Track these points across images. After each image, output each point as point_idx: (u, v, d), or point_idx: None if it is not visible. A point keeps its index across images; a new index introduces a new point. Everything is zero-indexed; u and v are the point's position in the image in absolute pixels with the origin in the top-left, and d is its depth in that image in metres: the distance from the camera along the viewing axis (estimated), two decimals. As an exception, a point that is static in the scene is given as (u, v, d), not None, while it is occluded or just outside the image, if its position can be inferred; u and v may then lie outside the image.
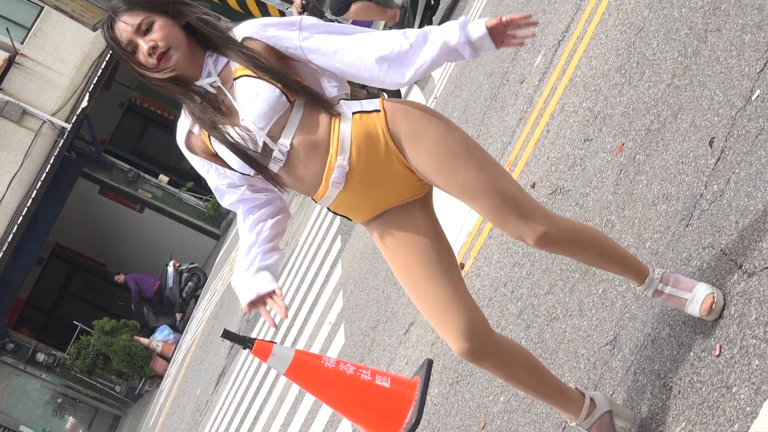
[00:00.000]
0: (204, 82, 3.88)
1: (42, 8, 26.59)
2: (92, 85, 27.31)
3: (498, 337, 4.01)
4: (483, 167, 3.85)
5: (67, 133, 26.69)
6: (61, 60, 27.19)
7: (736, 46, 4.98)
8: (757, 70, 4.65)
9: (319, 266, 13.05)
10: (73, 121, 26.75)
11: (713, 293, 3.99)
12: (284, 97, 3.79)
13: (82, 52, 27.30)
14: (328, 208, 4.02)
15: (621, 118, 6.08)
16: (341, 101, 3.91)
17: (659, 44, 6.07)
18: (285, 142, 3.82)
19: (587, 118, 6.67)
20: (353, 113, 3.86)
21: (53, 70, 27.09)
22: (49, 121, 26.58)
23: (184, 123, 4.02)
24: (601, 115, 6.45)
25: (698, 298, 4.03)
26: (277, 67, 3.82)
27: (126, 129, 36.64)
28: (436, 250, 4.03)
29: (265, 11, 22.24)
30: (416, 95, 13.85)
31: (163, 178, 32.20)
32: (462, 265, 7.47)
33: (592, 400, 4.15)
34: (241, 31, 3.90)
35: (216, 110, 3.85)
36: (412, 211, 4.01)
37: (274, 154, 3.83)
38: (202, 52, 3.88)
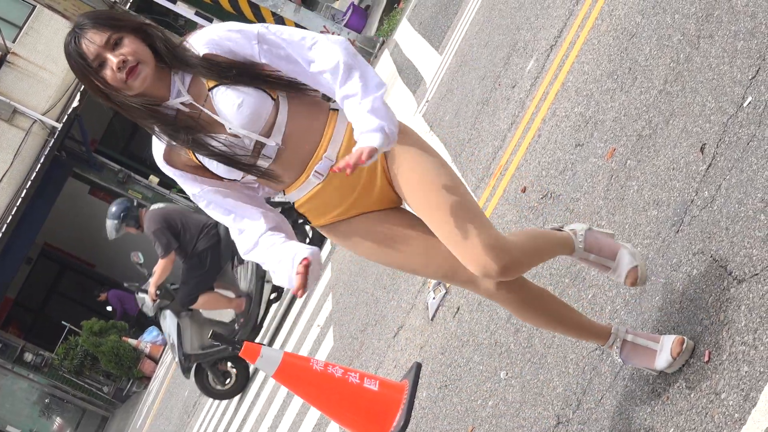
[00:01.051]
0: (173, 101, 3.80)
1: (34, 7, 26.57)
2: (83, 85, 27.27)
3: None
4: (458, 190, 3.84)
5: (57, 132, 26.66)
6: (53, 59, 27.15)
7: (729, 52, 4.98)
8: (749, 77, 4.64)
9: (308, 269, 13.01)
10: (63, 120, 26.72)
11: (636, 265, 4.10)
12: (268, 97, 3.77)
13: (74, 52, 27.24)
14: (292, 204, 3.99)
15: (612, 123, 6.08)
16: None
17: (651, 50, 6.08)
18: (276, 139, 3.80)
19: (579, 123, 6.67)
20: None
21: (45, 69, 27.06)
22: (40, 120, 26.55)
23: (158, 143, 3.93)
24: (593, 120, 6.45)
25: (622, 269, 4.13)
26: (247, 68, 3.76)
27: (117, 129, 36.56)
28: (415, 221, 4.01)
29: (257, 13, 22.24)
30: (408, 99, 13.86)
31: (154, 179, 32.15)
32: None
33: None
34: (197, 44, 3.78)
35: (191, 127, 3.78)
36: (376, 214, 4.02)
37: (263, 151, 3.81)
38: (167, 71, 3.79)
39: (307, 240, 12.19)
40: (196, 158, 3.85)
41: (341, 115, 3.88)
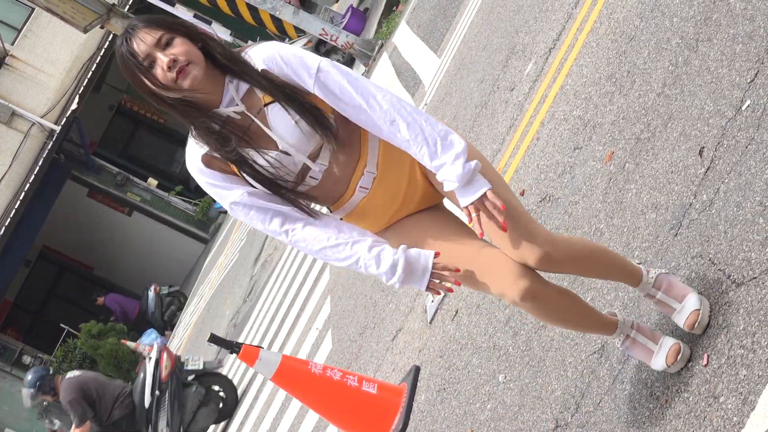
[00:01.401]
0: (227, 109, 3.77)
1: (33, 9, 26.55)
2: (82, 88, 27.27)
3: (543, 279, 3.95)
4: (498, 181, 3.84)
5: (56, 135, 26.65)
6: (52, 62, 27.14)
7: (727, 55, 4.98)
8: (748, 80, 4.65)
9: (307, 272, 13.04)
10: (62, 123, 26.71)
11: (699, 310, 3.98)
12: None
13: (73, 54, 27.26)
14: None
15: (611, 126, 6.08)
16: None
17: (650, 53, 6.08)
18: (323, 161, 3.80)
19: (577, 127, 6.67)
20: None
21: (43, 71, 27.04)
22: (39, 123, 26.53)
23: (196, 149, 3.86)
24: (591, 123, 6.45)
25: (685, 311, 4.03)
26: (302, 96, 3.75)
27: (115, 132, 36.58)
28: (452, 221, 4.03)
29: (256, 15, 22.24)
30: (407, 101, 13.83)
31: (152, 182, 32.17)
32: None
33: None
34: (255, 57, 3.78)
35: (239, 138, 3.75)
36: (430, 209, 4.04)
37: (310, 173, 3.81)
38: (221, 78, 3.77)
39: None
40: (239, 172, 3.82)
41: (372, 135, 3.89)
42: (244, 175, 3.79)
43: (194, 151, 3.85)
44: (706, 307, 3.99)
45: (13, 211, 26.19)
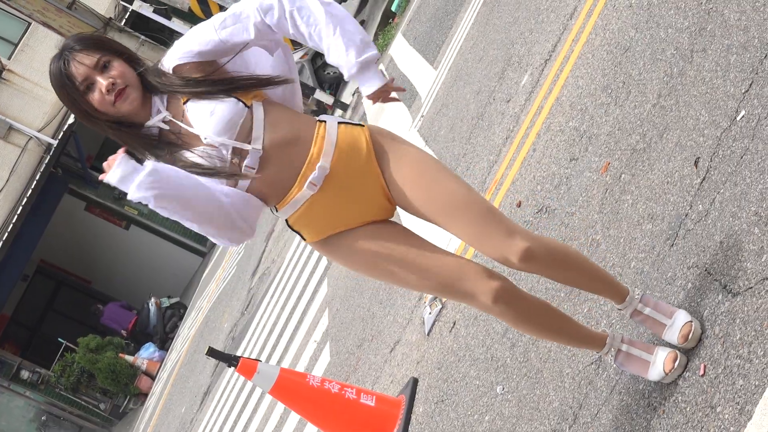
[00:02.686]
0: (155, 120, 3.81)
1: (29, 24, 26.61)
2: (66, 107, 27.27)
3: (513, 283, 3.99)
4: (464, 183, 3.89)
5: (53, 149, 26.69)
6: (48, 76, 27.16)
7: (722, 66, 5.00)
8: (743, 91, 4.66)
9: (305, 284, 13.04)
10: (59, 137, 26.75)
11: (692, 321, 3.99)
12: (240, 103, 3.78)
13: (70, 69, 27.26)
14: (286, 222, 3.96)
15: (607, 137, 6.09)
16: (323, 115, 3.94)
17: (645, 64, 6.09)
18: (256, 146, 3.78)
19: (573, 138, 6.69)
20: (338, 123, 3.89)
21: (40, 86, 27.08)
22: (36, 137, 26.57)
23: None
24: (587, 134, 6.46)
25: (677, 325, 4.04)
26: (216, 76, 3.80)
27: (113, 145, 36.27)
28: (409, 233, 4.03)
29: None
30: (404, 114, 13.88)
31: (149, 195, 32.14)
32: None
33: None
34: (168, 62, 3.84)
35: (173, 143, 3.80)
36: (374, 225, 4.01)
37: (245, 162, 3.78)
38: (148, 96, 3.83)
39: None
40: None
41: (330, 125, 3.87)
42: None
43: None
44: (697, 321, 4.00)
45: (11, 225, 26.20)
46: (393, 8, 20.48)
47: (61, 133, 26.82)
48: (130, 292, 33.61)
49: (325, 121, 3.89)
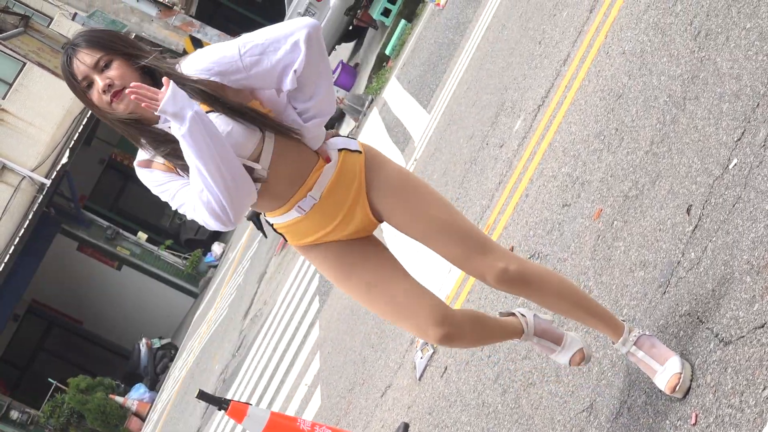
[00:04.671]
0: (166, 125, 3.86)
1: (24, 64, 26.65)
2: (73, 142, 27.34)
3: (458, 314, 4.20)
4: (448, 206, 4.11)
5: (46, 189, 26.68)
6: (42, 116, 27.21)
7: (714, 114, 5.01)
8: (735, 139, 4.67)
9: (296, 327, 13.01)
10: (52, 177, 26.75)
11: (681, 373, 4.01)
12: (257, 129, 3.86)
13: (64, 108, 27.34)
14: (267, 221, 4.17)
15: (599, 183, 6.10)
16: (332, 138, 4.08)
17: (638, 111, 6.11)
18: (264, 165, 3.89)
19: (566, 184, 6.69)
20: (339, 150, 4.05)
21: (34, 125, 27.11)
22: (29, 176, 26.56)
23: (142, 154, 3.99)
24: (580, 180, 6.47)
25: (667, 373, 4.07)
26: (236, 102, 3.84)
27: (106, 186, 36.65)
28: (378, 256, 4.22)
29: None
30: (397, 157, 13.90)
31: (142, 236, 32.18)
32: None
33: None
34: (189, 68, 3.86)
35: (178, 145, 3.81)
36: (351, 242, 4.21)
37: (254, 174, 3.87)
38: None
39: None
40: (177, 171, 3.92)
41: (329, 167, 4.02)
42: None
43: (140, 156, 4.00)
44: (688, 371, 4.01)
45: (3, 264, 26.15)
46: (387, 52, 20.55)
47: (54, 172, 26.82)
48: (121, 333, 33.53)
49: (327, 156, 4.03)
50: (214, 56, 3.84)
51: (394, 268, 4.20)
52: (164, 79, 3.66)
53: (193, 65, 3.86)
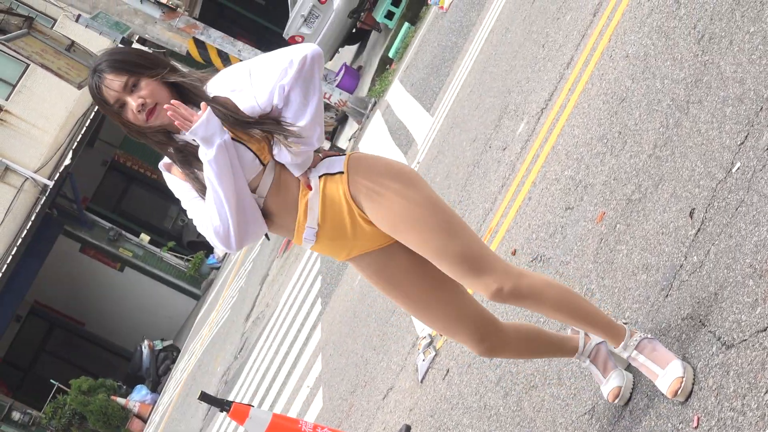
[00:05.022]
0: (186, 136, 3.94)
1: (27, 65, 26.68)
2: (76, 143, 27.35)
3: (505, 328, 4.36)
4: (439, 229, 4.08)
5: (49, 190, 26.69)
6: (46, 117, 27.23)
7: (718, 118, 5.01)
8: (738, 143, 4.67)
9: (299, 328, 13.01)
10: (55, 178, 26.76)
11: (683, 377, 4.00)
12: (257, 160, 3.98)
13: (67, 110, 27.36)
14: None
15: (602, 187, 6.10)
16: (310, 169, 4.10)
17: (641, 114, 6.11)
18: (261, 195, 4.04)
19: (569, 187, 6.69)
20: (320, 176, 4.08)
21: (37, 127, 27.12)
22: (32, 178, 26.57)
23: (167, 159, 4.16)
24: (583, 183, 6.47)
25: (669, 377, 4.07)
26: (247, 124, 3.96)
27: (108, 187, 36.63)
28: (425, 269, 4.24)
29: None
30: (400, 160, 13.88)
31: (145, 237, 32.18)
32: (441, 331, 7.44)
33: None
34: (214, 88, 4.02)
35: (195, 159, 3.98)
36: (387, 251, 4.23)
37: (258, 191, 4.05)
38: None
39: None
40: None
41: (313, 188, 4.07)
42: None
43: (165, 159, 4.15)
44: (690, 374, 4.01)
45: (5, 266, 26.15)
46: (390, 54, 20.56)
47: (57, 174, 26.83)
48: (123, 335, 33.53)
49: (308, 183, 4.09)
50: (227, 81, 4.01)
51: (433, 279, 4.25)
52: (203, 105, 3.83)
53: (216, 85, 4.03)
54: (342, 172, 4.07)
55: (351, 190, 4.06)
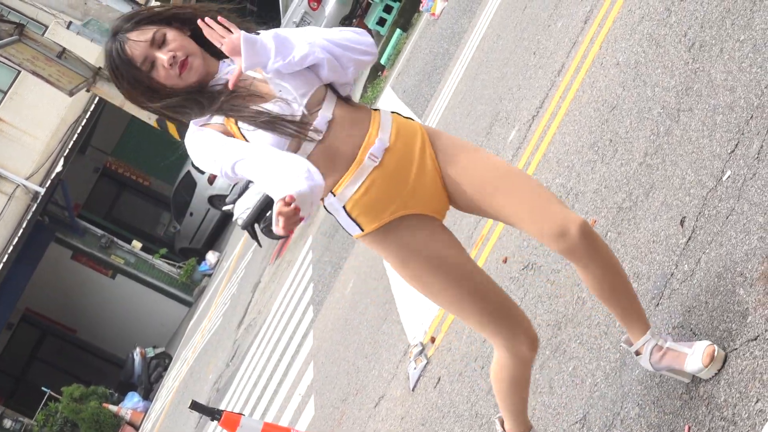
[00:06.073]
0: (223, 74, 3.79)
1: (19, 72, 26.63)
2: (67, 150, 27.31)
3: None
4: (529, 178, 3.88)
5: (40, 197, 26.65)
6: (37, 124, 27.19)
7: (708, 126, 5.01)
8: (728, 151, 4.67)
9: (290, 336, 12.99)
10: (47, 185, 26.72)
11: (713, 344, 3.89)
12: (318, 77, 3.77)
13: (58, 117, 27.33)
14: (344, 208, 3.81)
15: (593, 195, 6.10)
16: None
17: (632, 122, 6.11)
18: (326, 114, 3.75)
19: (559, 194, 6.69)
20: (391, 112, 3.89)
21: (28, 133, 27.08)
22: (23, 184, 26.53)
23: (197, 120, 3.83)
24: (574, 191, 6.47)
25: (699, 348, 3.91)
26: None
27: (100, 194, 36.60)
28: (465, 258, 3.96)
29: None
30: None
31: (137, 244, 32.13)
32: (433, 339, 7.44)
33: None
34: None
35: (240, 95, 3.73)
36: (434, 222, 3.94)
37: (315, 123, 3.72)
38: (215, 59, 3.84)
39: None
40: (243, 135, 3.77)
41: (384, 113, 3.86)
42: (244, 131, 3.75)
43: (195, 122, 3.82)
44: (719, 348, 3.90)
45: (-4, 273, 26.10)
46: (382, 61, 20.56)
47: (49, 181, 26.79)
48: (115, 342, 33.46)
49: (379, 110, 3.89)
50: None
51: (481, 280, 3.93)
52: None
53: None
54: (413, 120, 3.91)
55: (429, 134, 3.88)
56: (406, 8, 21.18)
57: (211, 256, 31.41)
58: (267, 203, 18.20)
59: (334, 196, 3.80)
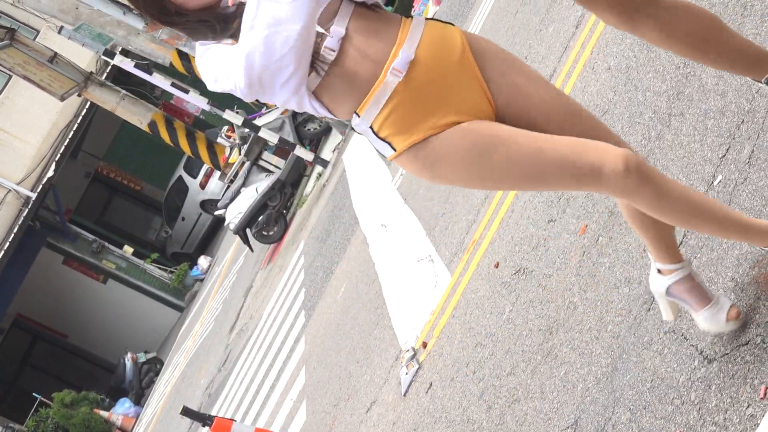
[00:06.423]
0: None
1: (10, 77, 26.58)
2: (59, 155, 27.28)
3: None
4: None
5: (31, 202, 26.61)
6: (28, 129, 27.15)
7: (699, 131, 5.01)
8: (720, 156, 4.67)
9: (282, 341, 12.99)
10: (38, 190, 26.68)
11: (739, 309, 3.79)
12: None
13: (50, 122, 27.29)
14: (371, 128, 3.55)
15: (585, 200, 6.10)
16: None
17: (623, 127, 6.11)
18: (338, 29, 3.49)
19: (551, 199, 6.69)
20: (427, 18, 3.57)
21: (20, 138, 27.04)
22: (14, 189, 26.49)
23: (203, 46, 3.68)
24: (565, 196, 6.46)
25: (724, 305, 3.80)
26: None
27: (91, 199, 36.55)
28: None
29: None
30: (383, 172, 13.89)
31: (128, 249, 32.10)
32: (424, 344, 7.44)
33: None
34: None
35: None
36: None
37: (325, 43, 3.48)
38: None
39: None
40: None
41: (416, 20, 3.56)
42: None
43: (201, 44, 3.69)
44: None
45: (-13, 278, 26.05)
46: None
47: (40, 186, 26.75)
48: (106, 347, 33.41)
49: (411, 17, 3.59)
50: None
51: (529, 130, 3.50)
52: None
53: None
54: (454, 25, 3.58)
55: (470, 41, 3.53)
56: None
57: (202, 261, 31.40)
58: (259, 208, 18.22)
59: (359, 117, 3.55)
